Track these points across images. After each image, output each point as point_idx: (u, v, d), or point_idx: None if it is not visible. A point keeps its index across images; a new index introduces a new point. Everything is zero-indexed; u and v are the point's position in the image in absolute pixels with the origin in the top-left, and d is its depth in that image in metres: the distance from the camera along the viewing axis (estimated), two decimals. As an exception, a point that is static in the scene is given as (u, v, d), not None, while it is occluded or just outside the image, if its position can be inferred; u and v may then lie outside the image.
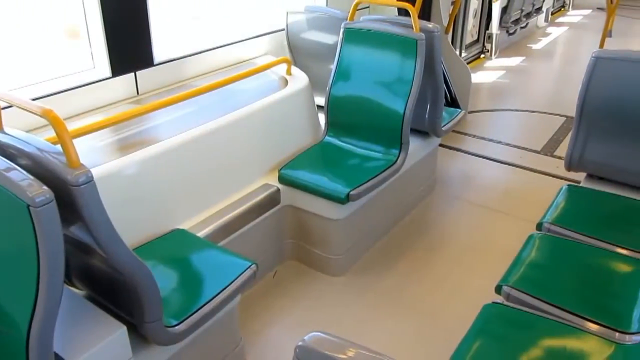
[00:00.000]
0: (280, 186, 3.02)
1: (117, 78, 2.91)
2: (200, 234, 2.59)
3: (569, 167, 3.01)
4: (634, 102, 2.69)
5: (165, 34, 3.19)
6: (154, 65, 3.08)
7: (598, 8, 9.94)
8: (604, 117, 2.81)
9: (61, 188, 1.53)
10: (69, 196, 1.55)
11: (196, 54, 3.35)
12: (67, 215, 1.58)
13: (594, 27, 8.71)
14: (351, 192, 2.85)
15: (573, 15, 10.13)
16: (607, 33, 5.60)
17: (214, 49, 3.46)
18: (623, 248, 2.40)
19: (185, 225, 2.62)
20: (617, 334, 1.94)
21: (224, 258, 2.37)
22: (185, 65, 3.29)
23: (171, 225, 2.58)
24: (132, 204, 2.41)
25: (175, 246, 2.44)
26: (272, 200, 2.98)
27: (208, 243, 2.51)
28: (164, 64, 3.15)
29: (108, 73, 2.87)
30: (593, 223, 2.58)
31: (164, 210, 2.58)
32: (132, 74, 2.99)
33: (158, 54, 3.09)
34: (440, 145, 4.14)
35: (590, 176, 3.04)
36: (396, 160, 3.14)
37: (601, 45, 5.42)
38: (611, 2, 5.62)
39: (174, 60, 3.22)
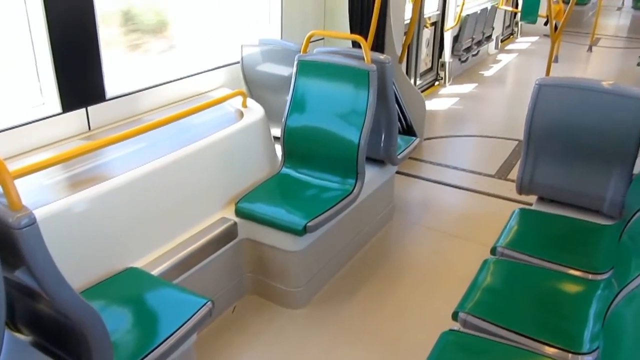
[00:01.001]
0: (237, 219, 2.99)
1: (68, 114, 2.85)
2: (155, 271, 2.53)
3: (520, 190, 3.09)
4: (577, 127, 2.80)
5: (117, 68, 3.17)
6: (106, 100, 3.04)
7: (545, 35, 10.38)
8: (550, 141, 2.91)
9: (2, 231, 1.48)
10: (11, 239, 1.50)
11: (150, 87, 3.32)
12: (10, 258, 1.53)
13: (542, 53, 9.07)
14: (308, 224, 2.85)
15: (521, 42, 10.56)
16: (553, 59, 5.86)
17: (168, 82, 3.44)
18: (574, 269, 2.47)
19: (139, 264, 2.55)
20: (570, 355, 1.98)
21: (178, 296, 2.31)
22: (138, 100, 3.25)
23: (124, 264, 2.51)
24: (81, 244, 2.34)
25: (127, 286, 2.37)
26: (229, 234, 2.95)
27: (162, 281, 2.45)
28: (117, 99, 3.10)
29: (58, 109, 2.81)
30: (544, 245, 2.64)
31: (116, 249, 2.51)
32: (84, 109, 2.93)
33: (110, 89, 3.05)
34: (398, 172, 4.19)
35: (541, 199, 3.13)
36: (352, 190, 3.16)
37: (547, 71, 5.65)
38: (555, 30, 5.89)
39: (127, 94, 3.17)
